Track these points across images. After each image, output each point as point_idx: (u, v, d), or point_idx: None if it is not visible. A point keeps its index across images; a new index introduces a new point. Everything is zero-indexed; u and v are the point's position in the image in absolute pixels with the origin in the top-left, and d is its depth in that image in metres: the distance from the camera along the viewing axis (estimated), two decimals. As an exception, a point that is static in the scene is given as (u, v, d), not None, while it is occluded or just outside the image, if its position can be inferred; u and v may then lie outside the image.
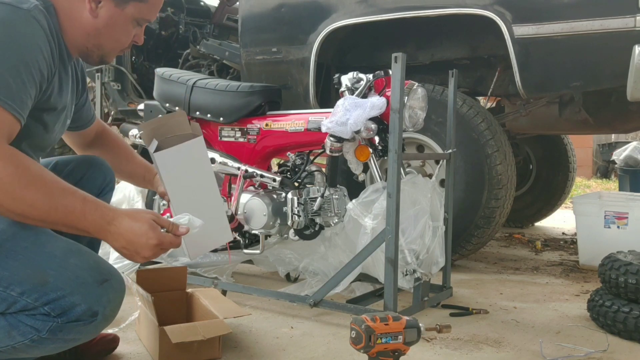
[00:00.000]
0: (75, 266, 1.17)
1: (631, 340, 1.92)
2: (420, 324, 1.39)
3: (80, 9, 1.31)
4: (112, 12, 1.32)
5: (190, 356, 1.66)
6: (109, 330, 1.76)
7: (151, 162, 1.42)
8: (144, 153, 2.84)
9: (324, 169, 2.41)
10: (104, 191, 1.64)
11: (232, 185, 2.54)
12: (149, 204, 2.85)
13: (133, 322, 1.91)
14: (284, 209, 2.33)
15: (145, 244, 1.19)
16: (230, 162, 2.46)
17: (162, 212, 2.72)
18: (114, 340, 1.74)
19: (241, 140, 2.55)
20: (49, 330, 1.15)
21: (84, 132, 1.66)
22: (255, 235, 2.45)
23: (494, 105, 3.92)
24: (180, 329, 1.62)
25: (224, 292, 2.33)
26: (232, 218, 2.38)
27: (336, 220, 2.29)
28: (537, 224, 4.51)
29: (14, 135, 1.16)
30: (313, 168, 2.44)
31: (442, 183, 2.52)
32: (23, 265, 1.14)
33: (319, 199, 2.28)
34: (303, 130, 2.35)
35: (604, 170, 9.43)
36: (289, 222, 2.31)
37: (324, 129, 2.15)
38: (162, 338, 1.62)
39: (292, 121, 2.40)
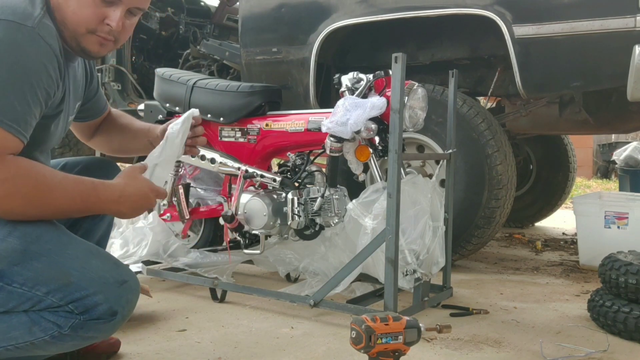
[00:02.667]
0: (97, 267, 1.22)
1: (631, 340, 1.92)
2: (420, 324, 1.39)
3: None
4: None
5: None
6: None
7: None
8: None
9: (324, 169, 2.41)
10: None
11: (233, 186, 2.54)
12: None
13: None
14: (284, 209, 2.33)
15: (148, 204, 1.38)
16: (230, 162, 2.46)
17: (162, 212, 2.72)
18: (115, 344, 1.74)
19: (241, 140, 2.54)
20: (71, 327, 1.19)
21: (94, 121, 1.67)
22: (256, 236, 2.45)
23: (494, 105, 3.92)
24: None
25: (224, 293, 2.34)
26: (232, 218, 2.38)
27: (336, 220, 2.29)
28: (538, 224, 4.51)
29: None
30: (313, 168, 2.44)
31: (442, 183, 2.52)
32: (47, 267, 1.18)
33: (319, 199, 2.28)
34: (303, 130, 2.35)
35: (604, 170, 9.43)
36: (289, 222, 2.31)
37: (324, 129, 2.15)
38: None
39: (292, 121, 2.40)
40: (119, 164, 2.03)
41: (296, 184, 2.40)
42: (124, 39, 1.37)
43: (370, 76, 2.17)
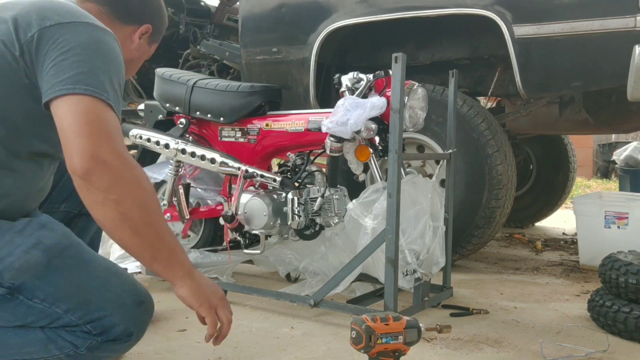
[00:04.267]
0: (117, 287, 1.22)
1: (631, 340, 1.92)
2: (420, 324, 1.39)
3: (124, 40, 1.43)
4: (144, 48, 1.52)
5: None
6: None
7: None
8: (145, 152, 2.84)
9: (324, 169, 2.41)
10: None
11: (233, 186, 2.54)
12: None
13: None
14: (285, 209, 2.32)
15: (215, 292, 1.29)
16: (230, 162, 2.46)
17: (162, 211, 2.72)
18: None
19: (241, 140, 2.54)
20: (87, 348, 1.19)
21: None
22: (256, 235, 2.45)
23: (494, 105, 3.92)
24: None
25: (224, 293, 2.33)
26: (232, 218, 2.38)
27: (336, 220, 2.29)
28: (538, 224, 4.51)
29: None
30: (313, 168, 2.44)
31: (442, 183, 2.52)
32: (69, 283, 1.18)
33: (319, 199, 2.28)
34: (303, 130, 2.35)
35: (604, 170, 9.44)
36: (290, 222, 2.31)
37: (324, 129, 2.15)
38: None
39: (293, 121, 2.40)
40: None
41: (296, 184, 2.40)
42: None
43: (370, 76, 2.17)
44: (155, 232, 1.17)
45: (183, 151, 2.53)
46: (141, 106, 2.91)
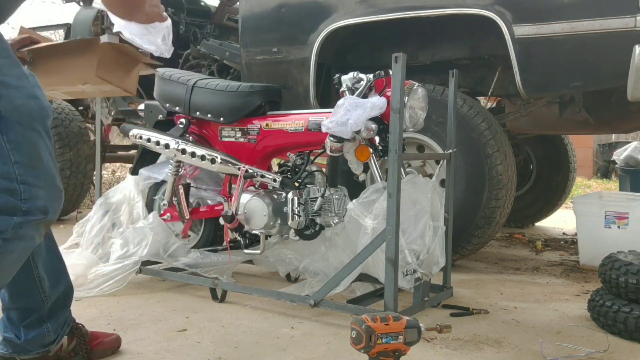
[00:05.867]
0: (52, 170, 1.37)
1: (632, 340, 1.92)
2: (420, 324, 1.39)
3: None
4: None
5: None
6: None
7: None
8: (145, 152, 2.84)
9: (324, 169, 2.41)
10: None
11: (233, 186, 2.54)
12: (149, 204, 2.85)
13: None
14: (285, 209, 2.33)
15: None
16: (230, 162, 2.46)
17: (162, 212, 2.72)
18: (117, 340, 1.78)
19: (241, 140, 2.54)
20: (13, 228, 1.29)
21: None
22: (256, 235, 2.45)
23: (494, 105, 3.92)
24: None
25: (224, 293, 2.34)
26: (232, 218, 2.38)
27: (336, 220, 2.29)
28: (538, 224, 4.51)
29: None
30: (313, 168, 2.44)
31: (442, 183, 2.52)
32: (32, 144, 1.32)
33: (319, 199, 2.28)
34: (303, 130, 2.35)
35: (605, 170, 9.45)
36: (290, 222, 2.31)
37: (324, 129, 2.15)
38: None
39: (293, 121, 2.40)
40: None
41: (296, 184, 2.41)
42: None
43: (371, 76, 2.17)
44: None
45: (183, 151, 2.53)
46: (141, 106, 2.91)
